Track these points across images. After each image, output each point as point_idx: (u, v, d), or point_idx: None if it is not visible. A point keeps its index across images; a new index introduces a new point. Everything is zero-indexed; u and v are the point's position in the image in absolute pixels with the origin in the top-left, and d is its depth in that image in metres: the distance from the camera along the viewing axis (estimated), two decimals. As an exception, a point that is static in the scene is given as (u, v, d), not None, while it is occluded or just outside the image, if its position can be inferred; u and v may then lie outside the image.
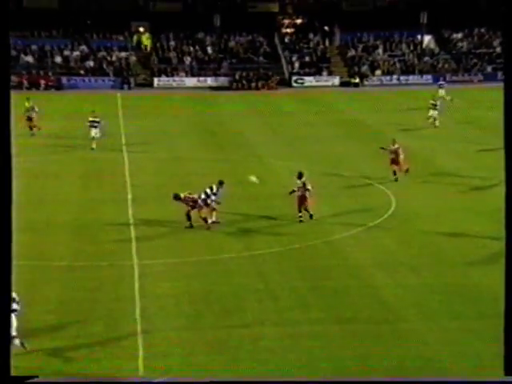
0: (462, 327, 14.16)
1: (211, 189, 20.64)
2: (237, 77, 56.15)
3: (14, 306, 12.04)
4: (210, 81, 56.40)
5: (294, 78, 57.29)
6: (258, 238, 19.77)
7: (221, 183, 20.91)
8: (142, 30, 59.02)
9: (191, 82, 56.16)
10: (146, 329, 13.98)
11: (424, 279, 16.65)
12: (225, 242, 19.49)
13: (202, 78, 56.58)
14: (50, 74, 53.79)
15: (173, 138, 34.42)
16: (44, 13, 54.64)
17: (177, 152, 31.03)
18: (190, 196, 20.37)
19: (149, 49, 58.79)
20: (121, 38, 58.68)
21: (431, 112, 36.19)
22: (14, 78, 52.31)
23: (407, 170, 25.68)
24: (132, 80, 54.90)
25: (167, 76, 56.33)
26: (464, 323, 14.34)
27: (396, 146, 25.74)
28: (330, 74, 58.54)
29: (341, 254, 18.57)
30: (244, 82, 55.72)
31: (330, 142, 33.75)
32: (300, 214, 21.10)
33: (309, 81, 57.22)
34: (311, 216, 21.17)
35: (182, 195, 20.37)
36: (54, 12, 55.50)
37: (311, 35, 61.38)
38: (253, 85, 55.64)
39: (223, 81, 56.28)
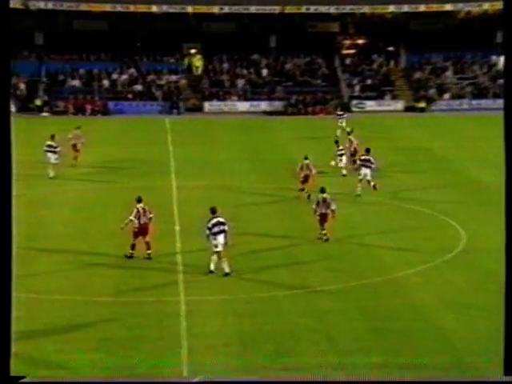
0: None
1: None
2: (292, 101, 56.49)
3: None
4: (263, 105, 56.90)
5: (354, 102, 57.27)
6: (314, 274, 19.69)
7: (212, 211, 19.49)
8: (193, 51, 60.19)
9: (244, 106, 56.77)
10: (192, 370, 14.02)
11: (497, 322, 16.23)
12: (277, 278, 19.46)
13: (255, 103, 57.14)
14: (96, 98, 55.28)
15: (224, 166, 34.76)
16: (93, 35, 56.34)
17: (228, 180, 31.32)
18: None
19: (200, 71, 59.83)
20: (171, 60, 59.93)
21: None
22: (60, 103, 54.13)
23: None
24: (181, 104, 55.87)
25: (219, 100, 57.14)
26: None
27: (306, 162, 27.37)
28: (394, 98, 58.31)
29: (404, 292, 18.31)
30: (300, 106, 56.01)
31: (390, 170, 33.47)
32: (320, 235, 22.11)
33: (370, 105, 57.08)
34: (322, 239, 21.95)
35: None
36: (104, 34, 57.16)
37: (374, 56, 61.41)
38: (309, 109, 55.85)
39: (278, 105, 56.70)
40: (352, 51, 62.30)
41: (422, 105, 56.46)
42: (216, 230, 19.21)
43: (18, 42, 54.88)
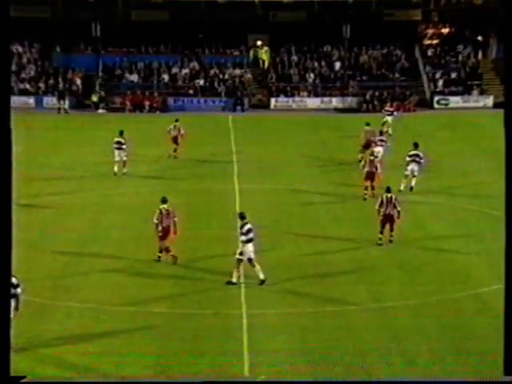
0: None
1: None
2: (367, 97, 56.07)
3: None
4: (335, 101, 56.68)
5: (437, 98, 56.44)
6: (389, 288, 19.52)
7: (242, 217, 19.69)
8: (259, 43, 60.45)
9: (314, 102, 56.68)
10: (254, 389, 14.08)
11: None
12: (348, 291, 19.37)
13: (326, 99, 56.99)
14: (155, 94, 56.13)
15: (291, 167, 34.78)
16: (153, 26, 57.26)
17: (295, 184, 31.32)
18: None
19: (267, 65, 60.06)
20: (236, 52, 60.37)
21: None
22: (117, 99, 55.23)
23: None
24: (246, 101, 56.20)
25: (286, 96, 57.22)
26: None
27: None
28: (482, 93, 57.18)
29: (491, 310, 17.93)
30: (376, 102, 55.55)
31: (479, 174, 32.85)
32: (380, 236, 22.43)
33: (455, 101, 56.16)
34: (391, 241, 22.30)
35: None
36: (164, 25, 58.03)
37: (460, 47, 60.37)
38: (386, 106, 55.29)
39: (351, 101, 56.39)
40: (435, 41, 61.40)
41: (514, 101, 55.17)
42: (250, 236, 19.35)
43: (74, 34, 56.34)
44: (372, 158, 28.71)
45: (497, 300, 18.44)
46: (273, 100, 56.64)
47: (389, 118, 43.20)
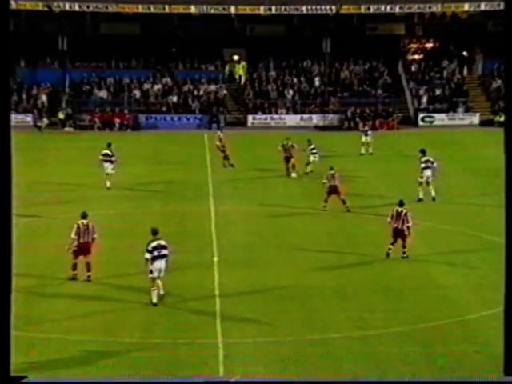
0: None
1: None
2: (349, 114, 56.52)
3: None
4: (315, 119, 57.07)
5: (421, 115, 57.01)
6: (373, 315, 19.53)
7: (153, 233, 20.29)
8: (236, 58, 60.80)
9: (293, 120, 57.02)
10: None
11: None
12: (330, 317, 19.37)
13: (306, 116, 57.36)
14: (126, 111, 56.13)
15: (269, 188, 34.89)
16: (123, 40, 57.28)
17: (273, 205, 31.38)
18: None
19: (243, 80, 60.38)
20: (211, 67, 60.66)
21: None
22: (85, 117, 55.15)
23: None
24: (222, 118, 56.39)
25: (264, 113, 57.51)
26: None
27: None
28: (468, 110, 57.87)
29: (479, 338, 18.02)
30: (358, 120, 55.97)
31: (466, 195, 33.12)
32: (390, 247, 23.29)
33: (440, 119, 56.78)
34: (404, 257, 23.28)
35: None
36: (136, 39, 58.11)
37: (445, 62, 61.14)
38: (369, 124, 55.74)
39: (332, 119, 56.82)
40: (419, 56, 62.15)
41: (502, 118, 55.86)
42: (156, 254, 19.88)
43: (39, 47, 56.28)
44: (331, 172, 30.07)
45: (485, 327, 18.57)
46: (250, 117, 56.90)
47: (367, 138, 43.52)
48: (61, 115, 54.80)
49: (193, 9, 57.28)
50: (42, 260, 24.01)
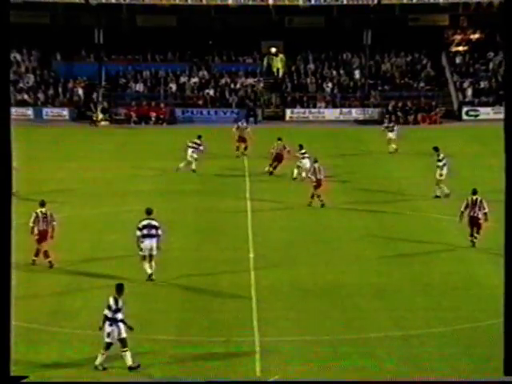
0: None
1: None
2: (390, 108, 56.11)
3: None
4: (355, 113, 56.78)
5: (466, 109, 56.40)
6: (414, 314, 19.43)
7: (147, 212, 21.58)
8: (274, 50, 60.68)
9: (332, 114, 56.79)
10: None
11: None
12: (370, 317, 19.30)
13: (345, 110, 57.09)
14: (162, 105, 56.40)
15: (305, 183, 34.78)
16: (160, 32, 57.57)
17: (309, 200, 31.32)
18: None
19: (281, 73, 60.29)
20: (248, 60, 60.64)
21: None
22: (121, 111, 55.52)
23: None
24: (259, 112, 56.36)
25: (303, 107, 57.36)
26: None
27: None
28: (514, 103, 57.07)
29: (524, 339, 17.81)
30: (399, 114, 55.58)
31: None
32: (471, 239, 24.10)
33: (485, 113, 56.09)
34: (473, 243, 23.93)
35: None
36: (172, 31, 58.35)
37: (490, 54, 60.41)
38: (410, 118, 55.32)
39: (372, 113, 56.45)
40: (464, 48, 61.45)
41: (549, 112, 55.07)
42: (145, 232, 21.04)
43: (75, 40, 56.79)
44: (316, 165, 30.44)
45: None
46: (288, 111, 56.76)
47: (391, 134, 42.88)
48: (99, 115, 55.00)
49: (230, 0, 57.38)
50: (77, 255, 24.25)
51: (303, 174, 33.84)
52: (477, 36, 61.89)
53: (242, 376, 16.04)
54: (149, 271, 21.23)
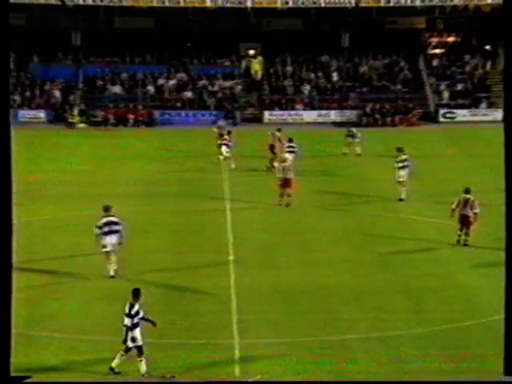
0: None
1: None
2: (368, 110, 56.34)
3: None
4: (333, 115, 56.91)
5: (442, 111, 56.72)
6: (392, 316, 19.47)
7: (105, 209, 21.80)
8: (252, 52, 60.74)
9: (310, 116, 56.90)
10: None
11: None
12: (348, 318, 19.33)
13: (324, 112, 57.22)
14: (140, 107, 56.23)
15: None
16: (138, 34, 57.37)
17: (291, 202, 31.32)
18: None
19: (260, 76, 60.32)
20: (226, 63, 60.63)
21: None
22: (99, 113, 55.26)
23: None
24: (237, 114, 56.36)
25: (281, 109, 57.43)
26: None
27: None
28: (491, 106, 57.48)
29: (502, 339, 17.89)
30: (377, 116, 55.83)
31: (487, 194, 32.87)
32: (459, 233, 24.47)
33: (462, 115, 56.46)
34: (466, 244, 24.18)
35: None
36: (150, 33, 58.18)
37: (467, 57, 60.79)
38: (388, 120, 55.58)
39: (350, 115, 56.62)
40: (440, 51, 61.83)
41: (525, 114, 55.46)
42: (106, 229, 21.45)
43: (52, 42, 56.47)
44: (285, 164, 30.79)
45: (509, 328, 18.43)
46: (266, 113, 56.80)
47: (350, 139, 43.06)
48: (74, 111, 54.83)
49: (208, 2, 57.24)
50: (54, 258, 24.09)
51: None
52: (453, 39, 62.29)
53: (222, 378, 16.00)
54: (113, 271, 21.69)
